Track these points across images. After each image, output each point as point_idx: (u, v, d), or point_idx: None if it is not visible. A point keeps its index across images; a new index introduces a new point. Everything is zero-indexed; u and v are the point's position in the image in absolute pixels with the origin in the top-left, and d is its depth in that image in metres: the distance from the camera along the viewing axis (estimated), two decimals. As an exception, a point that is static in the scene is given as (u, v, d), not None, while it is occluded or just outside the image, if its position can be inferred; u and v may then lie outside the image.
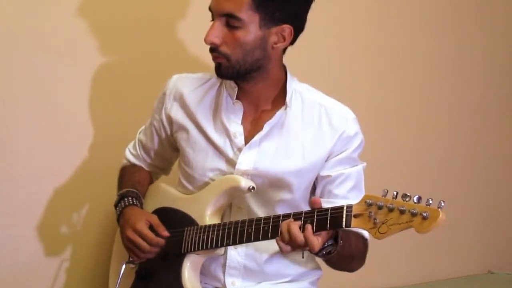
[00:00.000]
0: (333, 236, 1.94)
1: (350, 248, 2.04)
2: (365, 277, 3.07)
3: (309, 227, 1.89)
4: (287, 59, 2.18)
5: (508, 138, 3.69)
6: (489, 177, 3.66)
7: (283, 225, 1.93)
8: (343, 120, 2.16)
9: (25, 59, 2.47)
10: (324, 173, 2.16)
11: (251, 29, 2.04)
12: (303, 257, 2.24)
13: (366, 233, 2.15)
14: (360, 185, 2.19)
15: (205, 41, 2.06)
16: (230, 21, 2.04)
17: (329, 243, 1.95)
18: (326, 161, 2.16)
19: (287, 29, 2.07)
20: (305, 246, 1.90)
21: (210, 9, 2.09)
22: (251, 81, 2.13)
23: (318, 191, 2.19)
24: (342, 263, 2.10)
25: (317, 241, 1.89)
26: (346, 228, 1.93)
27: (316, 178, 2.18)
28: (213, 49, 2.08)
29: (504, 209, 3.72)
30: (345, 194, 2.14)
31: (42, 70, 2.50)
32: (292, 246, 1.92)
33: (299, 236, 1.90)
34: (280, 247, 1.94)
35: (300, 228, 1.91)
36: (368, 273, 3.12)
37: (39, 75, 2.50)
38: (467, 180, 3.58)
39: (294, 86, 2.18)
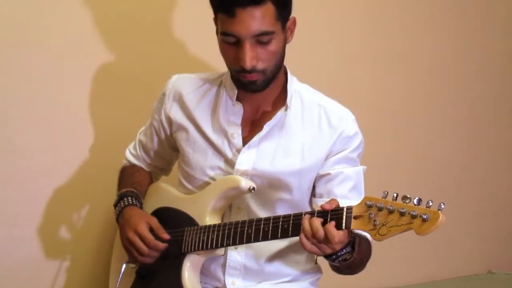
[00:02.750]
0: (350, 242, 1.93)
1: (361, 254, 2.03)
2: (365, 277, 3.06)
3: (332, 222, 1.87)
4: (287, 59, 2.17)
5: (508, 138, 3.69)
6: (489, 177, 3.66)
7: (304, 220, 1.91)
8: (342, 120, 2.16)
9: (25, 59, 2.48)
10: (323, 171, 2.16)
11: (278, 36, 2.02)
12: (316, 263, 2.25)
13: (368, 235, 2.16)
14: (360, 187, 2.18)
15: (245, 67, 2.00)
16: (260, 38, 1.99)
17: (347, 250, 1.94)
18: (325, 160, 2.16)
19: (292, 19, 2.08)
20: (326, 241, 1.87)
21: (227, 33, 2.00)
22: None
23: (317, 191, 2.19)
24: (351, 268, 2.08)
25: (337, 233, 1.85)
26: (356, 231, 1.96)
27: (315, 178, 2.18)
28: (250, 70, 2.02)
29: (504, 209, 3.72)
30: (345, 193, 2.13)
31: (42, 70, 2.51)
32: (314, 242, 1.89)
33: (320, 230, 1.86)
34: (303, 245, 1.91)
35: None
36: (368, 273, 3.11)
37: (39, 75, 2.51)
38: (467, 180, 3.58)
39: (294, 86, 2.18)
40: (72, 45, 2.54)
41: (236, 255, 2.19)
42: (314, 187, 2.19)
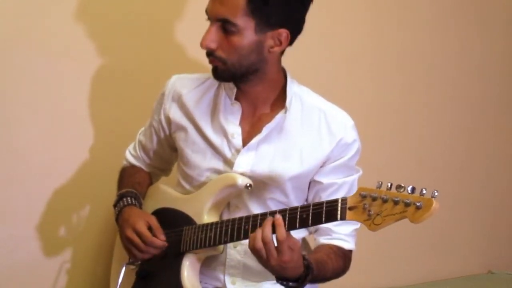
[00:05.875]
0: (305, 265, 1.97)
1: (326, 274, 2.09)
2: (365, 277, 3.08)
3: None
4: (285, 59, 2.18)
5: (508, 138, 3.69)
6: (489, 177, 3.67)
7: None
8: (342, 127, 2.16)
9: (26, 59, 2.48)
10: (317, 178, 2.17)
11: (247, 34, 2.04)
12: None
13: (350, 245, 2.19)
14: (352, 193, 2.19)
15: (201, 45, 2.07)
16: (225, 26, 2.04)
17: (292, 285, 1.98)
18: (322, 166, 2.16)
19: (283, 33, 2.07)
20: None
21: (206, 11, 2.09)
22: (249, 83, 2.14)
23: (309, 196, 2.21)
24: (316, 282, 2.13)
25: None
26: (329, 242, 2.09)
27: (309, 182, 2.19)
28: (209, 53, 2.08)
29: (504, 209, 3.72)
30: None
31: (43, 70, 2.51)
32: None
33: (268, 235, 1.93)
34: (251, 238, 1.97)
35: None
36: (368, 273, 3.13)
37: (39, 75, 2.51)
38: (467, 180, 3.59)
39: (294, 89, 2.18)
40: (72, 45, 2.55)
41: (236, 253, 2.19)
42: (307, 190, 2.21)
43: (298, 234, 2.13)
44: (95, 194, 2.63)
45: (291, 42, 2.12)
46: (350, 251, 2.20)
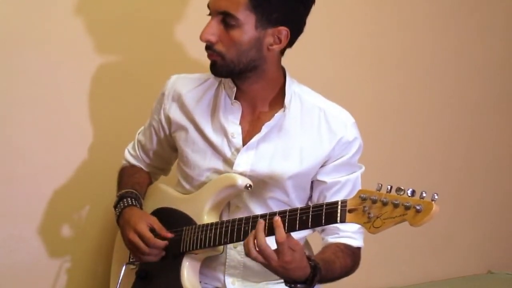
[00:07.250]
0: (308, 277, 1.97)
1: (334, 273, 2.08)
2: (365, 277, 3.07)
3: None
4: (285, 59, 2.18)
5: (508, 137, 3.69)
6: (489, 177, 3.66)
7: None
8: (342, 125, 2.16)
9: (25, 59, 2.48)
10: (320, 178, 2.17)
11: (247, 29, 2.04)
12: None
13: (358, 242, 2.19)
14: (356, 191, 2.19)
15: (201, 38, 2.07)
16: (226, 19, 2.04)
17: (300, 286, 1.97)
18: (323, 165, 2.16)
19: (283, 31, 2.07)
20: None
21: (208, 5, 2.09)
22: (247, 81, 2.14)
23: (313, 197, 2.21)
24: (325, 282, 2.13)
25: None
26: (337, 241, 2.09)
27: (312, 181, 2.19)
28: (209, 47, 2.08)
29: (504, 209, 3.72)
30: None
31: (42, 70, 2.52)
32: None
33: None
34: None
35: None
36: (368, 273, 3.12)
37: (39, 75, 2.51)
38: (467, 180, 3.58)
39: (293, 88, 2.18)
40: (72, 46, 2.55)
41: (236, 254, 2.19)
42: (310, 189, 2.21)
43: (299, 234, 2.14)
44: (95, 194, 2.64)
45: (291, 43, 2.12)
46: (358, 249, 2.20)
